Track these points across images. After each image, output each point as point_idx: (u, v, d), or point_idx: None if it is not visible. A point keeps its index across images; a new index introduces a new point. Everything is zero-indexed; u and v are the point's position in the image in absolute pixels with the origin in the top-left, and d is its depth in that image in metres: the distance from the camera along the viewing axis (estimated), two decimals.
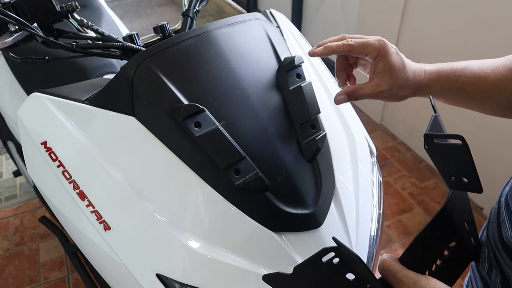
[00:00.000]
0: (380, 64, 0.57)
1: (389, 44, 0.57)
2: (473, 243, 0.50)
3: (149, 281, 0.57)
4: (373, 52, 0.57)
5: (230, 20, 0.69)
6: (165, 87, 0.60)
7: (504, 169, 1.56)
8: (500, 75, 0.55)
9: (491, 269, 0.49)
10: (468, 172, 0.43)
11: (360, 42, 0.57)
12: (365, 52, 0.57)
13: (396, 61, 0.57)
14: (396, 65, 0.57)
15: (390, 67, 0.56)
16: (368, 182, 0.71)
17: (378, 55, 0.57)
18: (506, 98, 0.55)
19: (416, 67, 0.59)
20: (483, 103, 0.58)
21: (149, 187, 0.59)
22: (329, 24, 2.51)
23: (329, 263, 0.41)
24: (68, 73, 1.09)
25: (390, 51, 0.57)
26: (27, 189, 1.90)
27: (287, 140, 0.63)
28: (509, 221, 0.44)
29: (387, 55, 0.56)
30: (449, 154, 0.44)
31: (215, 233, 0.57)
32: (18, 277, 1.52)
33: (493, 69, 0.56)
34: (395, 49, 0.58)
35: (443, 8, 1.64)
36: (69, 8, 0.71)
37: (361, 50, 0.57)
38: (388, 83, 0.57)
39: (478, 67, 0.57)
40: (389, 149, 2.08)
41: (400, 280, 0.42)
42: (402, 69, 0.57)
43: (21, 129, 0.66)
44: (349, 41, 0.58)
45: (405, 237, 1.64)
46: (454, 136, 0.41)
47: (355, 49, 0.57)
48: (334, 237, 0.41)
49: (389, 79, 0.57)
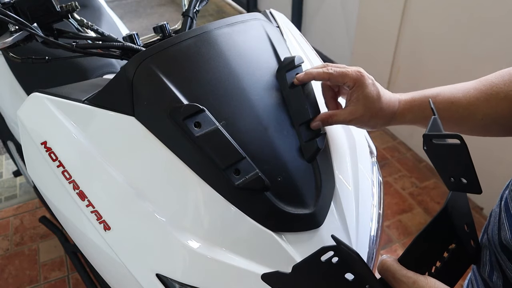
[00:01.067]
0: (355, 94, 0.61)
1: (366, 76, 0.61)
2: (473, 246, 0.50)
3: (149, 281, 0.57)
4: (350, 81, 0.60)
5: (230, 20, 0.69)
6: (165, 87, 0.60)
7: (504, 169, 1.56)
8: (472, 98, 0.57)
9: (492, 272, 0.49)
10: (467, 172, 0.44)
11: (339, 71, 0.61)
12: (343, 81, 0.61)
13: (371, 92, 0.60)
14: (370, 96, 0.60)
15: (364, 98, 0.60)
16: (368, 182, 0.71)
17: (355, 85, 0.60)
18: (480, 119, 0.57)
19: (391, 98, 0.62)
20: (459, 126, 0.60)
21: (149, 187, 0.59)
22: (329, 24, 2.51)
23: (328, 262, 0.40)
24: (68, 73, 1.09)
25: (366, 82, 0.60)
26: (27, 189, 1.90)
27: (287, 140, 0.63)
28: (508, 223, 0.45)
29: (363, 86, 0.60)
30: (448, 155, 0.44)
31: (215, 233, 0.57)
32: (18, 277, 1.52)
33: (464, 93, 0.58)
34: (372, 81, 0.61)
35: (443, 8, 1.64)
36: (69, 8, 0.71)
37: (339, 79, 0.61)
38: (360, 112, 0.61)
39: (450, 92, 0.60)
40: (389, 149, 2.08)
41: (399, 279, 0.43)
42: (376, 100, 0.60)
43: (21, 129, 0.66)
44: (329, 70, 0.62)
45: (405, 237, 1.64)
46: (453, 136, 0.42)
47: (333, 77, 0.61)
48: (333, 235, 0.41)
49: (362, 108, 0.60)
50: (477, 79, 0.59)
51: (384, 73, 2.05)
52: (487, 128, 0.58)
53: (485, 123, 0.57)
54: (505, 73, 0.56)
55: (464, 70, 1.62)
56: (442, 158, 0.45)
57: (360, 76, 0.60)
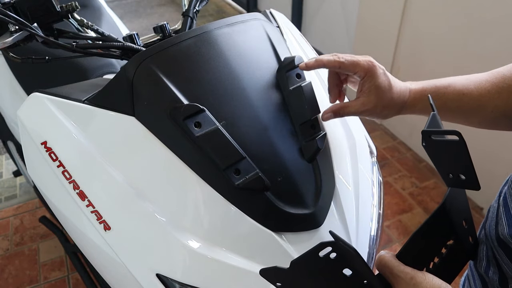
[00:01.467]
0: (367, 84, 0.60)
1: (377, 65, 0.60)
2: (471, 242, 0.50)
3: (149, 281, 0.57)
4: (361, 71, 0.59)
5: (230, 20, 0.69)
6: (165, 87, 0.60)
7: (504, 168, 1.56)
8: (483, 90, 0.57)
9: (488, 267, 0.49)
10: (466, 169, 0.44)
11: (350, 60, 0.60)
12: (354, 70, 0.60)
13: (383, 82, 0.59)
14: (382, 86, 0.59)
15: (376, 88, 0.59)
16: (368, 182, 0.71)
17: (366, 75, 0.59)
18: (490, 112, 0.57)
19: (401, 87, 0.62)
20: (468, 118, 0.60)
21: (149, 187, 0.59)
22: (329, 24, 2.51)
23: (326, 258, 0.41)
24: (68, 73, 1.09)
25: (377, 72, 0.59)
26: (27, 189, 1.90)
27: (287, 140, 0.63)
28: (505, 217, 0.45)
29: (374, 76, 0.59)
30: (447, 151, 0.44)
31: (215, 233, 0.57)
32: (18, 277, 1.52)
33: (476, 85, 0.58)
34: (383, 70, 0.60)
35: (443, 8, 1.64)
36: (69, 8, 0.71)
37: (350, 68, 0.60)
38: (373, 102, 0.60)
39: (461, 83, 0.59)
40: (389, 149, 2.08)
41: (397, 275, 0.43)
42: (387, 90, 0.60)
43: (21, 129, 0.66)
44: (341, 58, 0.61)
45: (405, 237, 1.64)
46: (452, 132, 0.42)
47: (345, 66, 0.60)
48: (331, 231, 0.41)
49: (374, 99, 0.60)
50: (489, 71, 0.59)
51: None
52: (496, 121, 0.58)
53: (494, 115, 0.57)
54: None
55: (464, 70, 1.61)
56: (441, 154, 0.45)
57: (371, 65, 0.59)
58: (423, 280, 0.42)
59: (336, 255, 0.41)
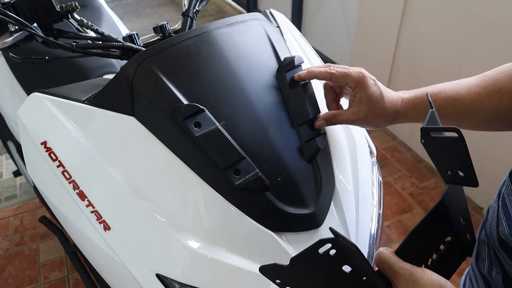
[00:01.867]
0: (358, 95, 0.61)
1: (368, 76, 0.61)
2: (469, 239, 0.50)
3: (149, 281, 0.57)
4: (352, 82, 0.61)
5: (230, 20, 0.69)
6: (165, 87, 0.60)
7: (504, 168, 1.56)
8: (474, 94, 0.58)
9: (491, 267, 0.49)
10: (464, 165, 0.44)
11: (341, 71, 0.61)
12: (345, 81, 0.61)
13: (374, 92, 0.61)
14: (373, 96, 0.60)
15: (367, 98, 0.61)
16: (368, 182, 0.71)
17: (357, 86, 0.61)
18: (483, 115, 0.57)
19: (394, 97, 0.63)
20: (462, 122, 0.60)
21: (149, 187, 0.59)
22: (329, 24, 2.51)
23: (325, 255, 0.41)
24: (68, 73, 1.09)
25: (368, 83, 0.61)
26: (27, 189, 1.90)
27: (287, 140, 0.63)
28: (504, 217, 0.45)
29: (365, 86, 0.60)
30: (446, 148, 0.44)
31: (215, 233, 0.57)
32: (18, 277, 1.52)
33: (467, 90, 0.58)
34: (374, 81, 0.62)
35: (443, 8, 1.64)
36: (69, 8, 0.71)
37: (341, 79, 0.61)
38: (364, 112, 0.61)
39: (452, 89, 0.60)
40: (389, 149, 2.08)
41: (396, 271, 0.43)
42: (379, 100, 0.61)
43: (21, 129, 0.66)
44: (331, 69, 0.62)
45: (404, 237, 1.64)
46: (450, 129, 0.42)
47: (335, 78, 0.62)
48: (331, 227, 0.41)
49: (365, 109, 0.61)
50: (479, 75, 0.59)
51: (384, 73, 2.05)
52: (489, 123, 0.58)
53: (487, 118, 0.58)
54: (506, 68, 0.56)
55: (464, 70, 1.62)
56: (440, 151, 0.46)
57: (362, 76, 0.61)
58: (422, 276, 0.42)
59: (335, 251, 0.41)
